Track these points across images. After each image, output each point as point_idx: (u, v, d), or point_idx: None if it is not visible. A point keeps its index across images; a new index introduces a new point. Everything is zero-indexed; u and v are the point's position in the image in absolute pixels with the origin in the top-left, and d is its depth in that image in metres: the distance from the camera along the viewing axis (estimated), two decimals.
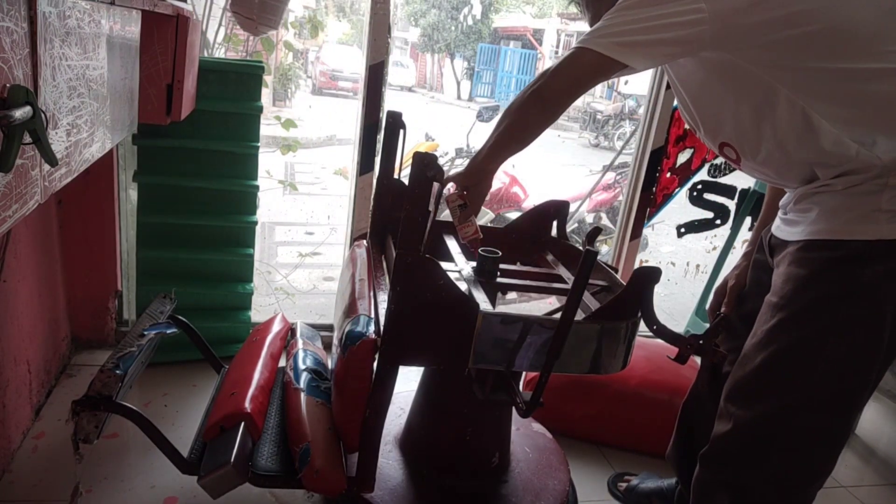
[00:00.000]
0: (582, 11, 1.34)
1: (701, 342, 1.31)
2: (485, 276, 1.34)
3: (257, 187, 2.09)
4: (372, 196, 2.12)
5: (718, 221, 2.56)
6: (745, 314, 1.34)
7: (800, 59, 1.04)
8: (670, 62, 1.17)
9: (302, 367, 1.55)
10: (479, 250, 1.35)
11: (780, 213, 1.23)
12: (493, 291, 1.38)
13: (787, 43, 1.03)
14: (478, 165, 1.25)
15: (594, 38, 1.08)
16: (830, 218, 1.08)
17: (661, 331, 1.26)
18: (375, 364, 1.22)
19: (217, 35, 2.35)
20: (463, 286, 1.25)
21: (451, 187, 1.31)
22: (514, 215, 3.49)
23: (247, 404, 1.37)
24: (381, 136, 2.13)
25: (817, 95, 1.04)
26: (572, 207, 3.80)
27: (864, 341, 1.07)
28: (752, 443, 1.16)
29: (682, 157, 2.46)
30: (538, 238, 1.66)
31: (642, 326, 1.25)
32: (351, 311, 1.35)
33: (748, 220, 2.51)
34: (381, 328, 1.21)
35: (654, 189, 2.45)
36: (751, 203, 2.47)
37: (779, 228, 1.22)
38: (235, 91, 2.00)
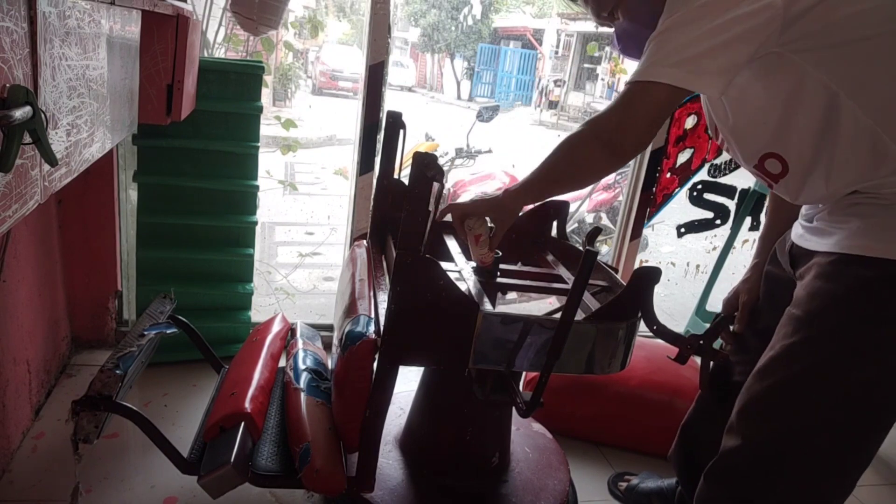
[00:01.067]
0: (597, 13, 1.21)
1: (701, 342, 1.31)
2: (485, 276, 1.34)
3: (257, 187, 2.09)
4: (372, 196, 2.12)
5: (718, 221, 2.56)
6: (759, 330, 1.28)
7: (869, 66, 0.95)
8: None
9: (302, 367, 1.55)
10: None
11: (802, 221, 1.15)
12: (493, 291, 1.37)
13: (856, 47, 0.94)
14: (512, 202, 1.20)
15: (661, 69, 0.97)
16: (871, 233, 0.99)
17: (661, 331, 1.26)
18: (375, 364, 1.22)
19: (217, 35, 2.35)
20: (463, 286, 1.25)
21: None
22: None
23: (247, 404, 1.37)
24: (381, 136, 2.13)
25: (887, 108, 0.94)
26: (572, 207, 3.80)
27: (893, 368, 0.99)
28: (763, 462, 1.09)
29: (682, 157, 2.45)
30: (538, 238, 1.66)
31: (642, 327, 1.25)
32: (351, 311, 1.35)
33: (748, 220, 2.51)
34: (381, 328, 1.21)
35: (654, 189, 2.45)
36: (751, 203, 2.48)
37: (803, 237, 1.13)
38: (235, 91, 2.00)
